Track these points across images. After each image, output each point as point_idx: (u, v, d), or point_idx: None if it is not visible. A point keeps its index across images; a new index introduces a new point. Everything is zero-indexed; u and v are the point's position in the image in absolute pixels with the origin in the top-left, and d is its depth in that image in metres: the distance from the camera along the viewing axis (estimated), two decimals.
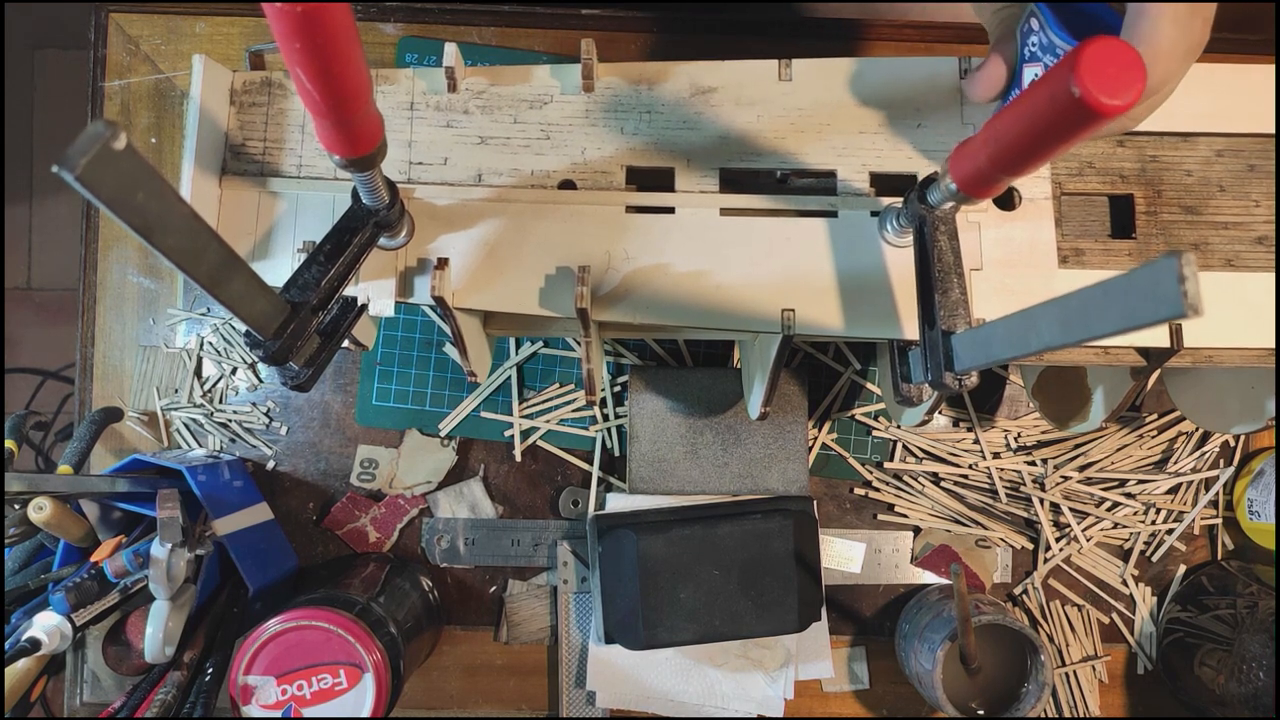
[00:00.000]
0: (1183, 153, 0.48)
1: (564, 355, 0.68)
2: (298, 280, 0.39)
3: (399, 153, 0.48)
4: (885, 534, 0.67)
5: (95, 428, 0.61)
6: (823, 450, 0.68)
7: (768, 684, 0.64)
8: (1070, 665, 0.67)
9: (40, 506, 0.53)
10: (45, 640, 0.50)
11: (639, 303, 0.46)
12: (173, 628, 0.52)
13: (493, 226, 0.47)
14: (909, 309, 0.45)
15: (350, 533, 0.67)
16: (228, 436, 0.67)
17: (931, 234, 0.42)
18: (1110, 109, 0.28)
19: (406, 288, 0.46)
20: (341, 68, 0.30)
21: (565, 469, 0.68)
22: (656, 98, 0.48)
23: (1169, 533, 0.67)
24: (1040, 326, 0.31)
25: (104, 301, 0.67)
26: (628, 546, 0.60)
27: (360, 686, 0.52)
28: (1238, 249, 0.47)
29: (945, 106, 0.48)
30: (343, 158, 0.35)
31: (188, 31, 0.66)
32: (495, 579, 0.67)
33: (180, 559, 0.52)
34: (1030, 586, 0.67)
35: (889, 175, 0.48)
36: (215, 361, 0.67)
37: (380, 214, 0.41)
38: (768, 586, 0.60)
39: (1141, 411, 0.68)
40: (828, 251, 0.46)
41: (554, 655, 0.67)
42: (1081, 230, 0.48)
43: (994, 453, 0.67)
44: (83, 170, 0.23)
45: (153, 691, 0.52)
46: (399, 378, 0.67)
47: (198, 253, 0.30)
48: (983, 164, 0.35)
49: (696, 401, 0.65)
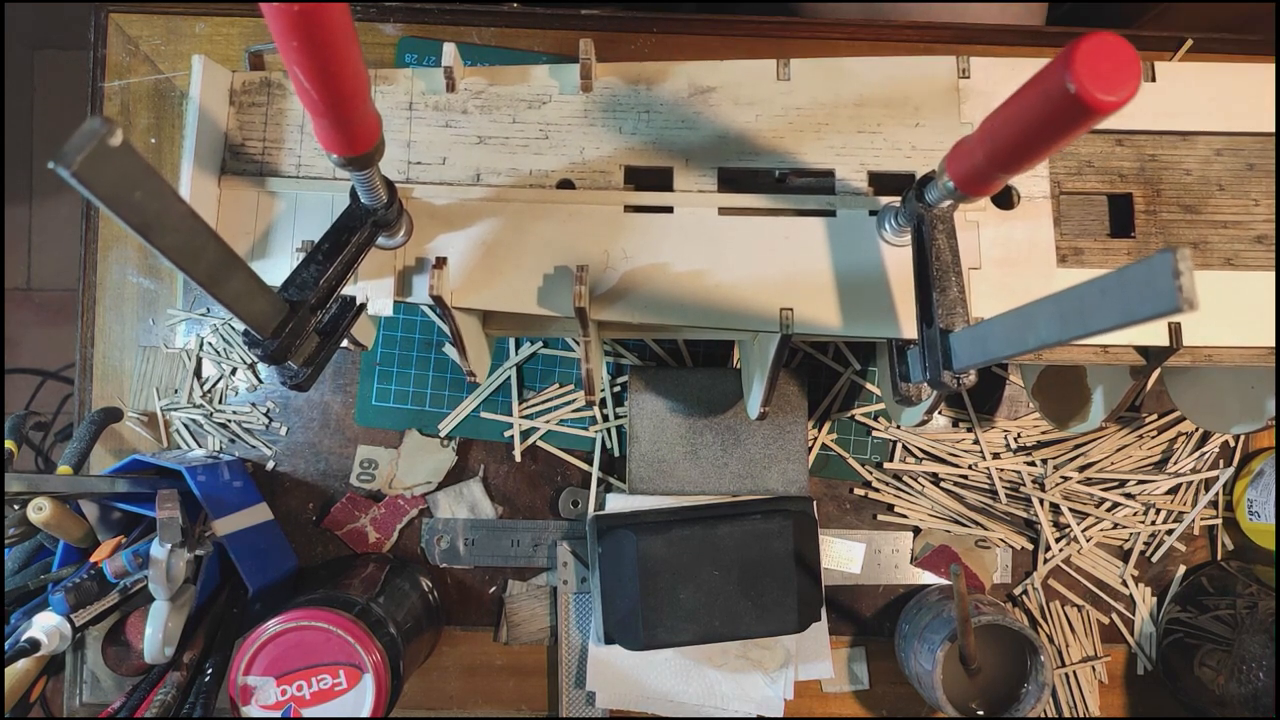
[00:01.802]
0: (1182, 152, 0.48)
1: (563, 355, 0.68)
2: (296, 279, 0.39)
3: (397, 152, 0.48)
4: (885, 534, 0.67)
5: (95, 428, 0.61)
6: (822, 450, 0.67)
7: (767, 684, 0.64)
8: (1070, 666, 0.67)
9: (40, 507, 0.53)
10: (45, 641, 0.50)
11: (637, 302, 0.46)
12: (172, 628, 0.52)
13: (491, 226, 0.47)
14: (907, 308, 0.45)
15: (350, 533, 0.67)
16: (227, 437, 0.67)
17: (929, 233, 0.42)
18: (1106, 105, 0.28)
19: (405, 287, 0.46)
20: (339, 67, 0.30)
21: (565, 469, 0.67)
22: (655, 97, 0.48)
23: (1169, 533, 0.67)
24: (1038, 323, 0.31)
25: (104, 302, 0.67)
26: (627, 547, 0.60)
27: (360, 687, 0.52)
28: (1237, 248, 0.47)
29: (943, 106, 0.48)
30: (341, 157, 0.35)
31: (187, 32, 0.66)
32: (495, 579, 0.67)
33: (180, 559, 0.52)
34: (1030, 587, 0.67)
35: (887, 174, 0.48)
36: (215, 362, 0.67)
37: (379, 213, 0.41)
38: (767, 587, 0.60)
39: (1141, 412, 0.68)
40: (826, 251, 0.46)
41: (554, 656, 0.67)
42: (1080, 229, 0.48)
43: (994, 453, 0.67)
44: (79, 167, 0.23)
45: (152, 692, 0.52)
46: (398, 378, 0.67)
47: (196, 251, 0.30)
48: (980, 162, 0.35)
49: (696, 402, 0.65)
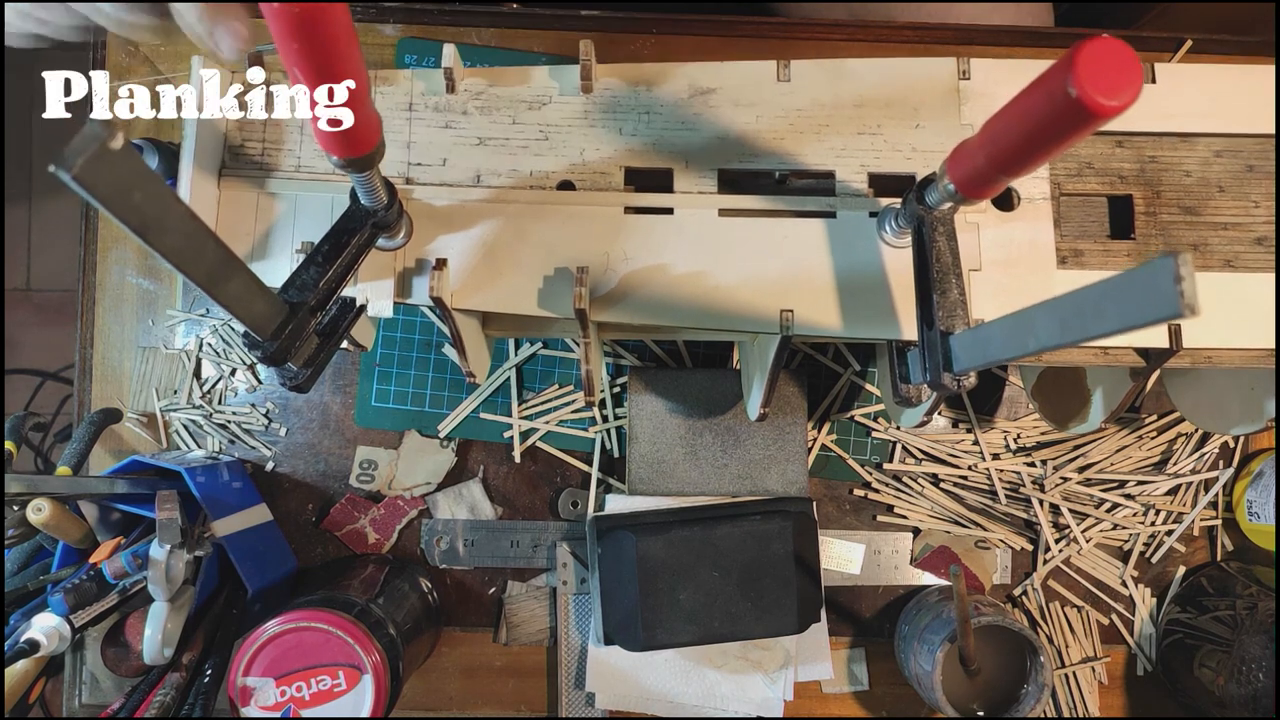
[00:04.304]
0: (1182, 153, 0.48)
1: (563, 356, 0.67)
2: (296, 281, 0.39)
3: (397, 154, 0.47)
4: (885, 535, 0.67)
5: (94, 429, 0.61)
6: (822, 451, 0.67)
7: (767, 685, 0.64)
8: (1070, 666, 0.67)
9: (39, 508, 0.53)
10: (44, 642, 0.50)
11: (637, 303, 0.46)
12: (171, 629, 0.52)
13: (491, 227, 0.47)
14: (907, 309, 0.45)
15: (349, 534, 0.67)
16: (227, 438, 0.67)
17: (930, 234, 0.42)
18: (1108, 109, 0.28)
19: (405, 288, 0.46)
20: (339, 68, 0.30)
21: (564, 470, 0.67)
22: (655, 99, 0.48)
23: (1168, 534, 0.67)
24: (1038, 327, 0.31)
25: (103, 303, 0.67)
26: (627, 548, 0.60)
27: (359, 688, 0.52)
28: (1237, 249, 0.47)
29: (943, 107, 0.48)
30: (340, 158, 0.35)
31: None
32: (494, 580, 0.67)
33: (179, 560, 0.52)
34: (1030, 588, 0.67)
35: (887, 176, 0.48)
36: (214, 363, 0.67)
37: (378, 215, 0.41)
38: (767, 588, 0.60)
39: (1141, 413, 0.68)
40: (826, 252, 0.46)
41: (553, 657, 0.67)
42: (1080, 231, 0.48)
43: (993, 454, 0.67)
44: (79, 170, 0.23)
45: (151, 693, 0.52)
46: (398, 379, 0.67)
47: (195, 252, 0.30)
48: (980, 164, 0.35)
49: (696, 403, 0.65)
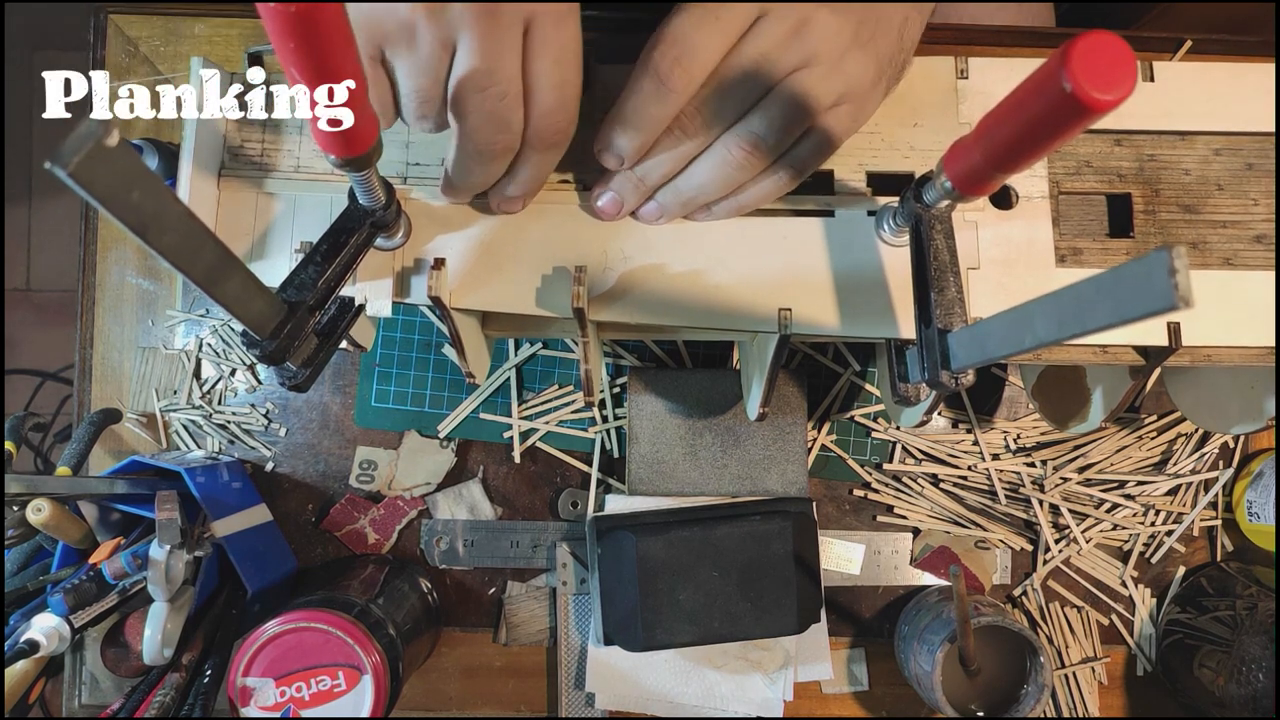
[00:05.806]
0: (1181, 151, 0.48)
1: (563, 356, 0.68)
2: (294, 280, 0.39)
3: (396, 153, 0.48)
4: (884, 535, 0.67)
5: (94, 429, 0.61)
6: (822, 451, 0.67)
7: (767, 686, 0.64)
8: (1070, 667, 0.67)
9: (39, 508, 0.53)
10: (44, 642, 0.50)
11: (636, 303, 0.46)
12: (171, 629, 0.52)
13: (489, 227, 0.47)
14: (906, 308, 0.45)
15: (349, 534, 0.67)
16: (226, 438, 0.67)
17: (928, 233, 0.42)
18: (1102, 104, 0.28)
19: (404, 288, 0.46)
20: (337, 68, 0.30)
21: (564, 470, 0.67)
22: None
23: (1168, 534, 0.67)
24: (1035, 322, 0.31)
25: (103, 303, 0.67)
26: (627, 548, 0.60)
27: (359, 688, 0.52)
28: (1236, 247, 0.47)
29: (941, 106, 0.48)
30: (338, 158, 0.35)
31: (187, 33, 0.66)
32: (494, 581, 0.67)
33: (179, 561, 0.52)
34: (1029, 588, 0.67)
35: (886, 174, 0.48)
36: (214, 363, 0.67)
37: (377, 214, 0.41)
38: (767, 588, 0.60)
39: (1141, 412, 0.68)
40: (824, 251, 0.46)
41: (553, 657, 0.67)
42: (1079, 229, 0.48)
43: (993, 454, 0.67)
44: (75, 167, 0.23)
45: (151, 693, 0.52)
46: (398, 379, 0.67)
47: (194, 251, 0.30)
48: (977, 161, 0.35)
49: (695, 403, 0.65)
